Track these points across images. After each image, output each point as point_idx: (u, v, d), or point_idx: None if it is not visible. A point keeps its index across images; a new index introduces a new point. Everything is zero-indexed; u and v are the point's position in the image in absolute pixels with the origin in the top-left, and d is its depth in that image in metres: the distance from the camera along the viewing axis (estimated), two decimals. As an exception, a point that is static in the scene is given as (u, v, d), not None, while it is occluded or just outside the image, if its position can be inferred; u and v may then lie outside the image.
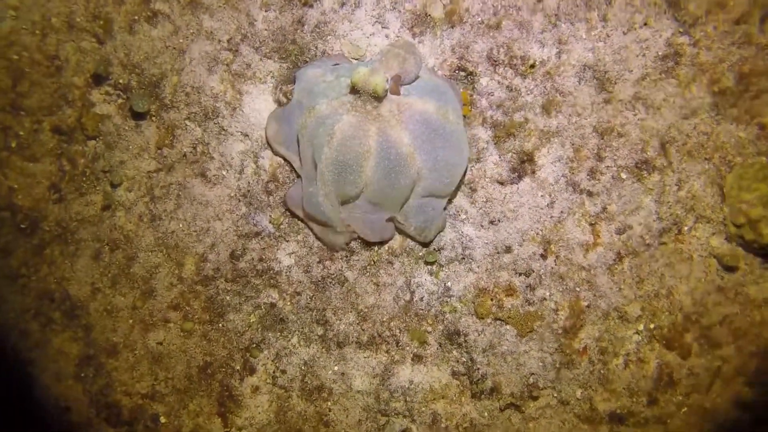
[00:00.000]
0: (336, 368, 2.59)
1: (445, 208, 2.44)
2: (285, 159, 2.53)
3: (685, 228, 2.42)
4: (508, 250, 2.45)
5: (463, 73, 2.50)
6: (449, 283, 2.49)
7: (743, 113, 2.36)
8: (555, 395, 2.48)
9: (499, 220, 2.46)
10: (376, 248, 2.52)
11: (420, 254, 2.52)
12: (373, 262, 2.54)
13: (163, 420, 2.66)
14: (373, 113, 2.20)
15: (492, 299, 2.45)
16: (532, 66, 2.46)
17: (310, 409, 2.61)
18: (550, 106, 2.44)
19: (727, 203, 2.34)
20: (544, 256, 2.44)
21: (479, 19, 2.49)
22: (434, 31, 2.52)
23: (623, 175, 2.43)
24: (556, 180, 2.44)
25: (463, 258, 2.48)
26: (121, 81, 2.65)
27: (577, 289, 2.43)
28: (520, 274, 2.45)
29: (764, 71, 2.32)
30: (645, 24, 2.41)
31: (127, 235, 2.72)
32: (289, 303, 2.62)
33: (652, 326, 2.44)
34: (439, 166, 2.25)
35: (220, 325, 2.67)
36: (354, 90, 2.16)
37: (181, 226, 2.69)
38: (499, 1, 2.48)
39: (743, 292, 2.38)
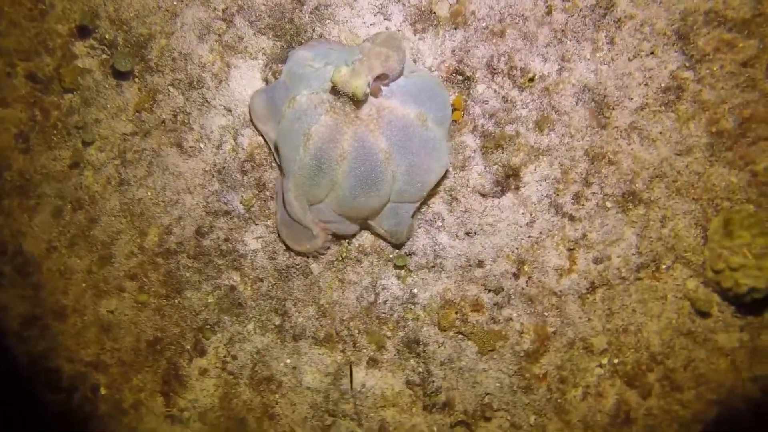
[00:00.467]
0: (288, 361, 2.50)
1: (416, 212, 2.35)
2: (264, 139, 2.44)
3: (664, 266, 2.36)
4: (481, 264, 2.38)
5: (460, 77, 2.42)
6: (416, 290, 2.41)
7: (738, 158, 2.30)
8: (508, 418, 2.41)
9: (475, 233, 2.38)
10: (345, 243, 2.44)
11: (390, 256, 2.43)
12: (341, 258, 2.45)
13: (103, 391, 2.57)
14: (351, 116, 2.12)
15: (457, 312, 2.38)
16: (531, 79, 2.38)
17: (256, 399, 2.53)
18: (543, 123, 2.36)
19: (709, 247, 2.28)
20: (516, 276, 2.37)
21: (484, 24, 2.41)
22: (437, 30, 2.43)
23: (608, 204, 2.36)
24: (540, 199, 2.36)
25: (434, 266, 2.40)
26: (107, 36, 2.54)
27: (546, 313, 2.37)
28: (489, 291, 2.38)
29: (765, 118, 2.26)
30: (652, 53, 2.34)
31: (93, 197, 2.61)
32: (249, 288, 2.53)
33: (616, 361, 2.37)
34: (412, 171, 2.17)
35: (176, 301, 2.57)
36: (334, 90, 2.08)
37: (149, 194, 2.59)
38: (507, 8, 2.40)
39: (712, 339, 2.32)
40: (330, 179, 2.17)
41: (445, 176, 2.38)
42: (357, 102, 2.11)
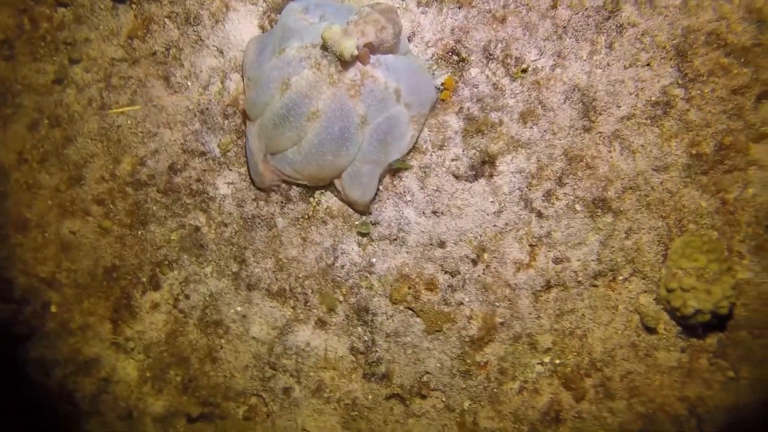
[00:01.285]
0: (239, 309, 2.52)
1: (384, 180, 2.36)
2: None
3: (620, 277, 2.37)
4: (442, 245, 2.39)
5: (455, 57, 2.40)
6: (374, 260, 2.42)
7: (711, 183, 2.30)
8: (443, 399, 2.45)
9: (442, 213, 2.39)
10: (314, 203, 2.44)
11: (356, 222, 2.44)
12: (306, 216, 2.46)
13: (53, 309, 2.58)
14: (333, 77, 2.11)
15: (410, 288, 2.39)
16: (524, 71, 2.36)
17: (202, 340, 2.55)
18: (528, 116, 2.35)
19: (667, 265, 2.30)
20: (475, 262, 2.38)
21: (488, 7, 2.38)
22: (441, 6, 2.41)
23: (578, 207, 2.36)
24: (511, 191, 2.37)
25: (396, 239, 2.41)
26: (109, -45, 2.50)
27: (497, 304, 2.39)
28: (446, 272, 2.39)
29: (743, 149, 2.26)
30: (648, 65, 2.33)
31: (72, 116, 2.59)
32: (213, 231, 2.53)
33: (557, 361, 2.40)
34: (380, 142, 2.20)
35: (139, 233, 2.58)
36: (323, 46, 2.06)
37: (129, 122, 2.57)
38: (513, -5, 2.37)
39: (653, 355, 2.35)
40: (296, 134, 2.17)
41: (417, 151, 2.38)
42: (343, 63, 2.09)
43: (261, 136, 2.27)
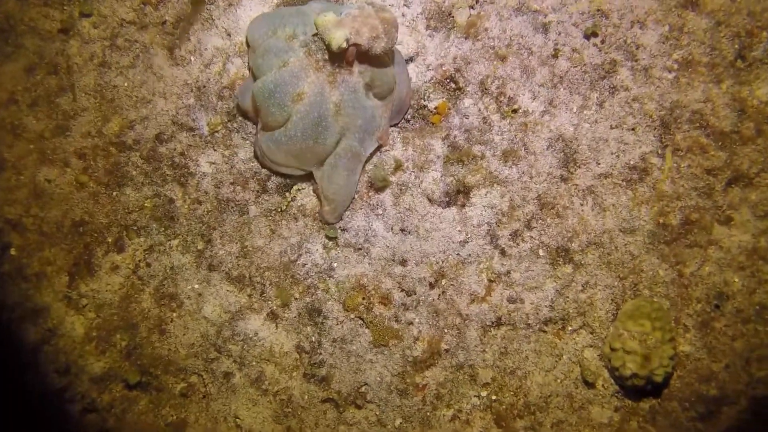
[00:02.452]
0: (196, 287, 2.54)
1: (360, 192, 2.41)
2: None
3: (569, 328, 2.43)
4: (404, 263, 2.43)
5: (452, 85, 2.46)
6: (335, 264, 2.46)
7: (671, 255, 2.37)
8: (377, 413, 2.48)
9: (409, 232, 2.43)
10: (288, 198, 2.48)
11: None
12: (279, 210, 2.49)
13: (13, 252, 2.58)
14: (320, 62, 2.16)
15: (365, 299, 2.43)
16: (515, 111, 2.43)
17: (154, 310, 2.56)
18: (510, 155, 2.41)
19: (615, 325, 2.35)
20: (432, 286, 2.43)
21: (492, 43, 2.45)
22: (448, 33, 2.47)
23: (541, 252, 2.42)
24: (480, 224, 2.42)
25: (360, 249, 2.45)
26: None
27: (446, 330, 2.43)
28: (402, 290, 2.43)
29: (706, 227, 2.33)
30: (633, 129, 2.40)
31: (71, 67, 2.61)
32: (186, 206, 2.56)
33: (494, 397, 2.45)
34: (359, 131, 2.29)
35: (114, 194, 2.59)
36: (316, 33, 2.12)
37: (126, 84, 2.60)
38: (519, 37, 2.44)
39: (587, 408, 2.40)
40: (282, 113, 2.21)
41: (397, 167, 2.43)
42: (330, 52, 2.13)
43: (254, 102, 2.32)
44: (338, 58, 2.13)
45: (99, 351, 2.56)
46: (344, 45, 2.01)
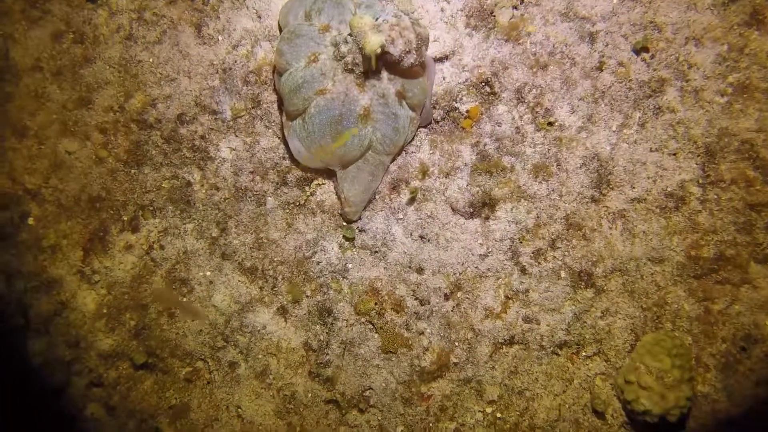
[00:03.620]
0: (208, 274, 2.51)
1: (379, 193, 2.33)
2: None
3: (584, 353, 2.35)
4: (420, 271, 2.36)
5: (487, 89, 2.34)
6: (350, 265, 2.40)
7: (700, 289, 2.26)
8: (379, 418, 2.46)
9: (429, 240, 2.36)
10: (308, 192, 2.41)
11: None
12: (298, 204, 2.43)
13: (31, 221, 2.58)
14: (350, 64, 2.06)
15: (377, 303, 2.38)
16: (551, 123, 2.30)
17: (165, 294, 2.55)
18: (541, 170, 2.30)
19: (632, 356, 2.27)
20: (447, 297, 2.36)
21: (534, 49, 2.31)
22: (488, 33, 2.34)
23: (562, 274, 2.33)
24: (502, 239, 2.33)
25: (377, 252, 2.38)
26: None
27: (456, 344, 2.37)
28: (416, 298, 2.37)
29: (743, 265, 2.21)
30: (674, 154, 2.26)
31: (97, 37, 2.55)
32: (204, 191, 2.51)
33: (499, 415, 2.40)
34: (385, 140, 2.20)
35: (133, 172, 2.56)
36: (350, 33, 2.02)
37: (151, 60, 2.53)
38: (562, 45, 2.30)
39: (593, 437, 2.35)
40: (305, 105, 2.15)
41: (423, 171, 2.34)
42: (361, 53, 2.03)
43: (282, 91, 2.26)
44: (368, 61, 2.03)
45: (108, 328, 2.57)
46: (378, 51, 1.91)
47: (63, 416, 2.59)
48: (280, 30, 2.36)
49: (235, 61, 2.46)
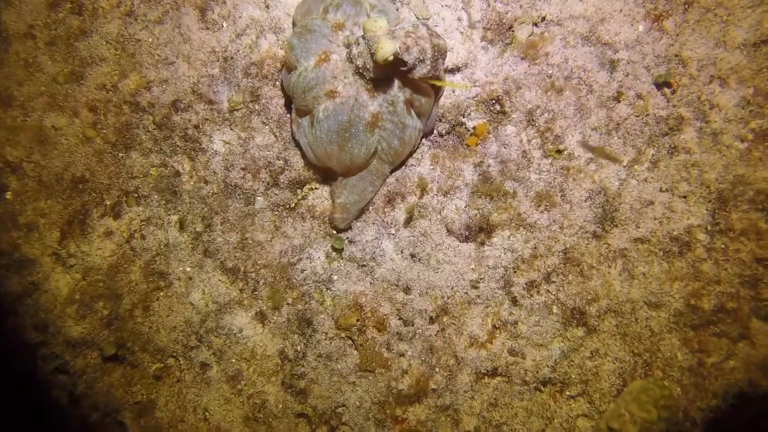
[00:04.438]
0: (188, 270, 2.41)
1: (371, 206, 2.23)
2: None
3: (567, 393, 2.26)
4: (407, 290, 2.27)
5: (497, 107, 2.23)
6: (335, 277, 2.30)
7: (695, 341, 2.17)
8: (350, 436, 2.37)
9: (420, 259, 2.26)
10: (299, 195, 2.31)
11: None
12: (288, 207, 2.33)
13: (8, 196, 2.47)
14: (360, 68, 1.95)
15: (359, 320, 2.28)
16: (559, 151, 2.20)
17: (141, 285, 2.45)
18: (544, 199, 2.20)
19: (617, 402, 2.18)
20: (432, 320, 2.27)
21: (550, 71, 2.20)
22: (504, 49, 2.22)
23: (555, 309, 2.23)
24: (496, 266, 2.23)
25: (365, 266, 2.28)
26: None
27: (437, 369, 2.28)
28: (400, 318, 2.28)
29: (742, 319, 2.12)
30: (684, 197, 2.16)
31: (96, 10, 2.43)
32: (192, 183, 2.40)
33: (473, 446, 2.32)
34: (390, 149, 2.09)
35: (120, 155, 2.45)
36: (363, 36, 1.90)
37: (150, 40, 2.41)
38: (580, 70, 2.18)
39: (567, 480, 2.26)
40: (315, 104, 2.05)
41: (420, 187, 2.24)
42: (373, 58, 1.92)
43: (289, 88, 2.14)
44: (380, 67, 1.92)
45: (79, 315, 2.47)
46: (390, 58, 1.80)
47: (26, 400, 2.51)
48: (294, 26, 2.24)
49: (238, 51, 2.34)
